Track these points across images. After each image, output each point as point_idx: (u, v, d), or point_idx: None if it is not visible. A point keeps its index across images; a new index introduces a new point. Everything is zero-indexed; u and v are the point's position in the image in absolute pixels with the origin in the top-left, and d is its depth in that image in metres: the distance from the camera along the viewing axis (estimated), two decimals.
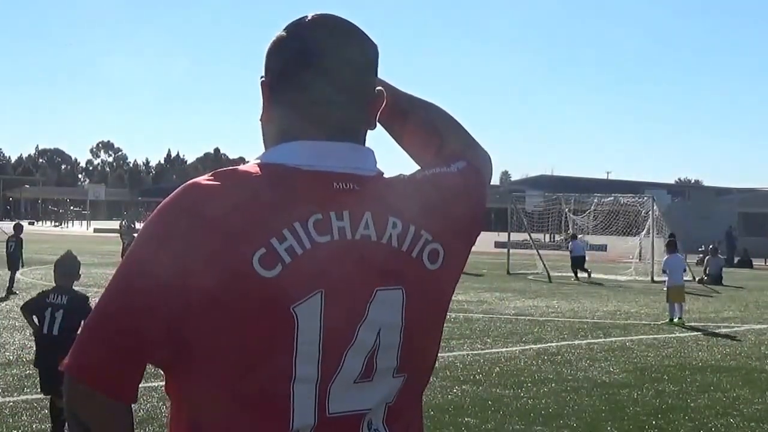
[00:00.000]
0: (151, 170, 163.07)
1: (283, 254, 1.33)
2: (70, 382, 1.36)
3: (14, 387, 7.85)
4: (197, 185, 1.38)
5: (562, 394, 8.26)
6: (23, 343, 10.23)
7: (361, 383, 1.41)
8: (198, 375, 1.37)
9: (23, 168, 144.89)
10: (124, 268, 1.37)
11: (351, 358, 1.39)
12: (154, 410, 7.00)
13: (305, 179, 1.40)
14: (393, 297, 1.42)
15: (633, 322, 14.84)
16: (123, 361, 1.34)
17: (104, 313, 1.36)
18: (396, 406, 1.46)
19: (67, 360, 1.36)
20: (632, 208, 31.16)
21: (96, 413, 1.36)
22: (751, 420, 7.53)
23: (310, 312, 1.34)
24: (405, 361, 1.45)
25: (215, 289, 1.31)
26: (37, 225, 77.38)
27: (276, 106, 1.49)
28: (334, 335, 1.37)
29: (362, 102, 1.50)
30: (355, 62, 1.48)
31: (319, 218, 1.38)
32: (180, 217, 1.35)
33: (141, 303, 1.32)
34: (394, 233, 1.43)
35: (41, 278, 19.47)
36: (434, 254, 1.47)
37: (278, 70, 1.48)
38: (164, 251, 1.33)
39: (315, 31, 1.47)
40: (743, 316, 16.42)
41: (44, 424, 6.55)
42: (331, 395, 1.38)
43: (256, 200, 1.35)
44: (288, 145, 1.45)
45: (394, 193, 1.48)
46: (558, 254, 32.17)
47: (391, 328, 1.42)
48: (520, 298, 18.41)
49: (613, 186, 59.47)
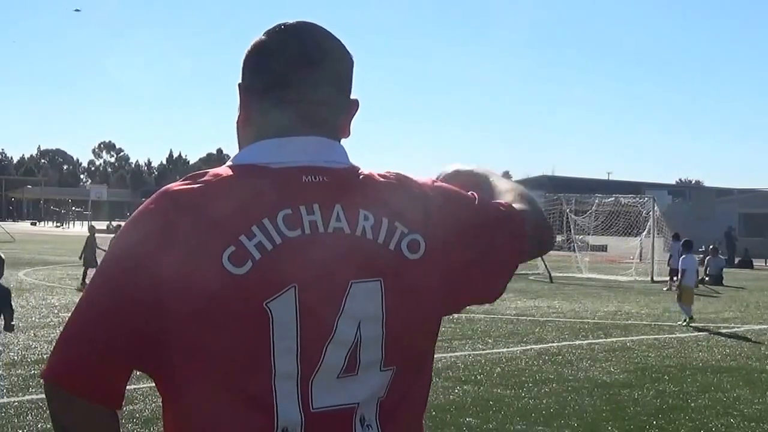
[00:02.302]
0: (153, 171, 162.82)
1: (252, 250, 1.35)
2: (51, 388, 1.37)
3: (19, 387, 7.88)
4: (168, 191, 1.41)
5: (563, 395, 8.29)
6: (27, 344, 10.29)
7: (346, 377, 1.40)
8: (180, 377, 1.37)
9: (25, 168, 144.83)
10: (99, 274, 1.40)
11: (332, 353, 1.38)
12: (159, 410, 7.00)
13: (274, 176, 1.42)
14: (370, 289, 1.41)
15: (634, 322, 14.87)
16: (102, 365, 1.35)
17: (81, 319, 1.37)
18: (388, 402, 1.45)
19: (45, 367, 1.38)
20: (633, 209, 31.16)
21: (78, 418, 1.36)
22: (751, 420, 7.56)
23: (284, 307, 1.35)
24: (391, 354, 1.44)
25: (189, 290, 1.32)
26: (39, 225, 77.47)
27: (251, 108, 1.52)
28: (312, 330, 1.37)
29: (337, 105, 1.53)
30: (331, 66, 1.52)
31: (288, 213, 1.39)
32: (152, 222, 1.38)
33: (117, 308, 1.34)
34: (366, 225, 1.43)
35: (44, 279, 19.53)
36: (414, 244, 1.46)
37: (254, 72, 1.52)
38: (137, 257, 1.35)
39: (300, 36, 1.51)
40: (744, 316, 16.45)
41: (49, 424, 6.56)
42: (314, 390, 1.38)
43: (225, 200, 1.37)
44: (258, 144, 1.48)
45: (367, 186, 1.48)
46: (559, 255, 32.19)
47: (371, 321, 1.41)
48: (522, 299, 18.43)
49: (614, 186, 59.52)
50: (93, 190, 73.48)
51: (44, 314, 13.22)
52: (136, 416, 6.82)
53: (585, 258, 29.92)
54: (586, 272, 27.50)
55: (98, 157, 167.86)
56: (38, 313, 13.32)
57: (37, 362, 8.98)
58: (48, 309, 13.87)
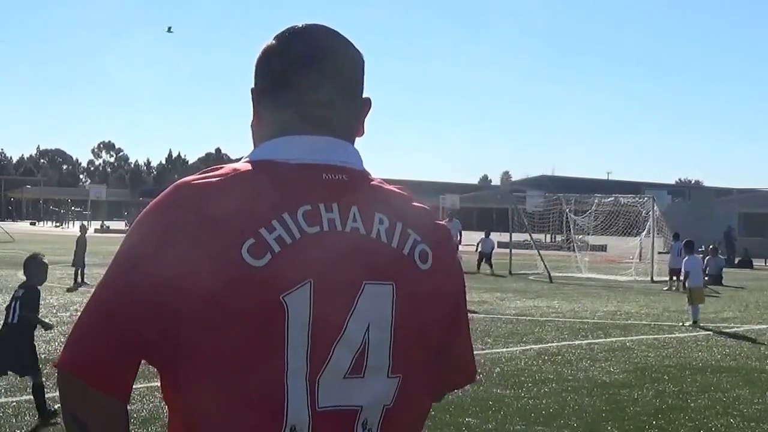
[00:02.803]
0: (153, 170, 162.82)
1: (272, 243, 1.35)
2: (65, 378, 1.37)
3: (17, 387, 7.87)
4: (186, 183, 1.42)
5: (563, 394, 8.28)
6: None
7: (352, 379, 1.39)
8: (193, 371, 1.36)
9: (24, 168, 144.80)
10: (116, 265, 1.39)
11: (339, 351, 1.38)
12: (157, 410, 7.02)
13: (294, 171, 1.43)
14: (382, 292, 1.41)
15: (633, 322, 14.87)
16: (118, 357, 1.35)
17: (99, 310, 1.37)
18: (395, 410, 1.43)
19: (60, 356, 1.37)
20: (633, 209, 31.15)
21: (92, 409, 1.36)
22: (751, 420, 7.55)
23: (299, 301, 1.35)
24: (399, 361, 1.43)
25: (207, 282, 1.32)
26: (39, 225, 77.42)
27: (265, 109, 1.53)
28: (323, 326, 1.37)
29: (351, 105, 1.53)
30: (343, 67, 1.52)
31: (308, 209, 1.39)
32: (172, 213, 1.38)
33: (135, 299, 1.34)
34: (381, 229, 1.44)
35: None
36: (424, 255, 1.47)
37: (267, 75, 1.53)
38: (157, 247, 1.35)
39: (303, 37, 1.52)
40: (743, 316, 16.45)
41: (47, 424, 6.58)
42: (320, 388, 1.37)
43: (246, 193, 1.38)
44: (275, 141, 1.48)
45: (380, 191, 1.50)
46: (559, 254, 32.18)
47: (380, 324, 1.41)
48: (521, 298, 18.42)
49: (614, 186, 59.55)
50: (92, 190, 73.23)
51: (42, 314, 13.01)
52: (134, 416, 6.80)
53: (584, 258, 29.90)
54: (586, 272, 27.49)
55: (97, 157, 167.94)
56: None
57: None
58: (47, 309, 13.80)
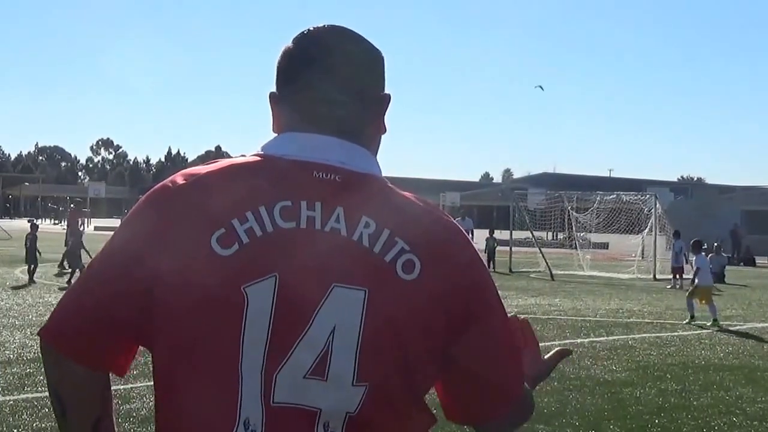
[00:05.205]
0: (152, 168, 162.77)
1: (241, 234, 1.38)
2: (41, 346, 1.49)
3: (14, 386, 7.83)
4: (180, 172, 1.49)
5: (565, 393, 8.23)
6: (23, 342, 10.22)
7: (313, 380, 1.36)
8: (158, 352, 1.42)
9: (23, 165, 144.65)
10: (103, 249, 1.49)
11: (301, 350, 1.36)
12: None
13: (283, 167, 1.44)
14: (353, 297, 1.37)
15: (635, 320, 14.82)
16: (93, 329, 1.43)
17: (79, 289, 1.47)
18: (360, 419, 1.38)
19: (44, 325, 1.48)
20: (635, 206, 31.12)
21: (62, 375, 1.46)
22: (753, 419, 7.50)
23: (261, 294, 1.35)
24: (365, 370, 1.37)
25: (177, 266, 1.37)
26: (37, 222, 77.41)
27: (280, 109, 1.54)
28: (285, 324, 1.36)
29: (364, 103, 1.52)
30: (356, 64, 1.52)
31: (287, 205, 1.40)
32: (158, 200, 1.45)
33: (112, 273, 1.43)
34: (365, 232, 1.40)
35: (41, 276, 19.46)
36: (409, 264, 1.40)
37: (276, 75, 1.55)
38: (134, 234, 1.44)
39: (310, 37, 1.53)
40: (746, 314, 16.39)
41: (45, 423, 6.52)
42: (277, 384, 1.36)
43: (229, 185, 1.42)
44: (278, 137, 1.51)
45: (379, 196, 1.45)
46: (561, 252, 32.17)
47: (347, 329, 1.36)
48: (523, 296, 18.39)
49: (616, 184, 59.59)
50: (91, 188, 73.29)
51: (41, 312, 13.14)
52: (133, 415, 6.77)
53: (586, 255, 29.87)
54: (588, 270, 27.48)
55: (96, 154, 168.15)
56: (35, 311, 13.24)
57: (33, 360, 8.90)
58: (45, 307, 13.78)
